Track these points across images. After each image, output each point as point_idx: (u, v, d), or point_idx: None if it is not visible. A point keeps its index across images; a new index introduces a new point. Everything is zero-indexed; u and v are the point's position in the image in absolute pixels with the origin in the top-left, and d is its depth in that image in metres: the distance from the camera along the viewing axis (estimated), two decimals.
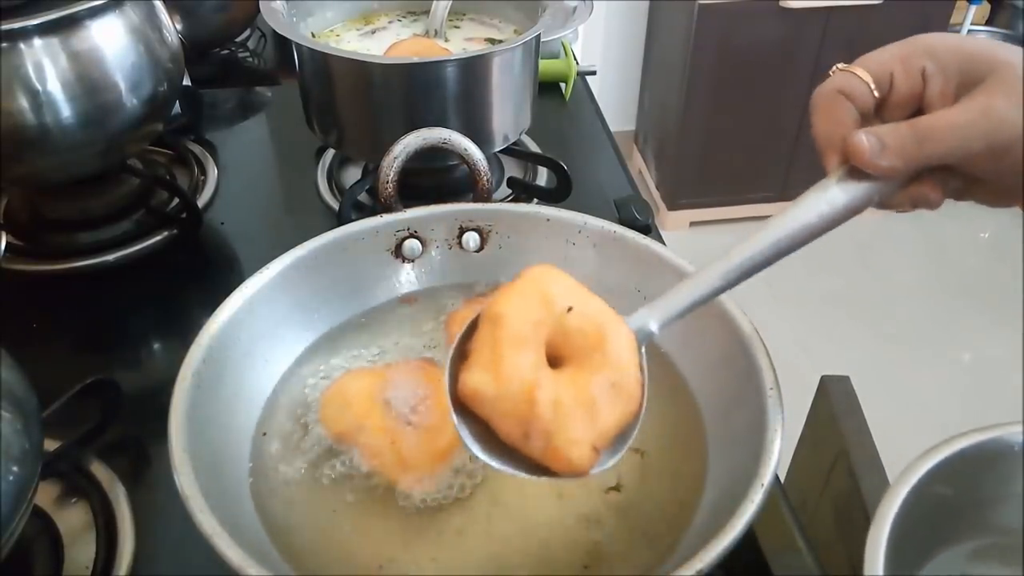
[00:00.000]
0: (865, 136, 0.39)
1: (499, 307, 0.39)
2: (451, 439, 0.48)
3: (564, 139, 1.03)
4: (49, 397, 0.54)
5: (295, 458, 0.51)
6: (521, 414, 0.37)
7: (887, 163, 0.39)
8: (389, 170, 0.63)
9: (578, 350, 0.39)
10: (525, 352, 0.38)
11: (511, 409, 0.37)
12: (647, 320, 0.42)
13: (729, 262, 0.41)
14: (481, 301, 0.60)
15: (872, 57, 0.42)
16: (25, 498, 0.45)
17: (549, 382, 0.38)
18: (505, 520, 0.47)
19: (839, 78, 0.42)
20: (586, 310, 0.40)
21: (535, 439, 0.37)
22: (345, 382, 0.54)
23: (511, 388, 0.37)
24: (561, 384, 0.38)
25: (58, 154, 0.70)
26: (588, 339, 0.39)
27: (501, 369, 0.37)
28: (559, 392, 0.38)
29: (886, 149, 0.39)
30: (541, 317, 0.39)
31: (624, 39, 2.71)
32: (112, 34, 0.70)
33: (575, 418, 0.37)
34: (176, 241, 0.80)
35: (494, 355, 0.38)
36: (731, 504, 0.41)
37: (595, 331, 0.39)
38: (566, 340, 0.39)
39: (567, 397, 0.38)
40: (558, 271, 0.41)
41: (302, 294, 0.57)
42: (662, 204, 2.67)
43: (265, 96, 1.15)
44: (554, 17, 0.82)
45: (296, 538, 0.46)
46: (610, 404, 0.38)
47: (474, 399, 0.38)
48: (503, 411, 0.37)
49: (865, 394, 0.82)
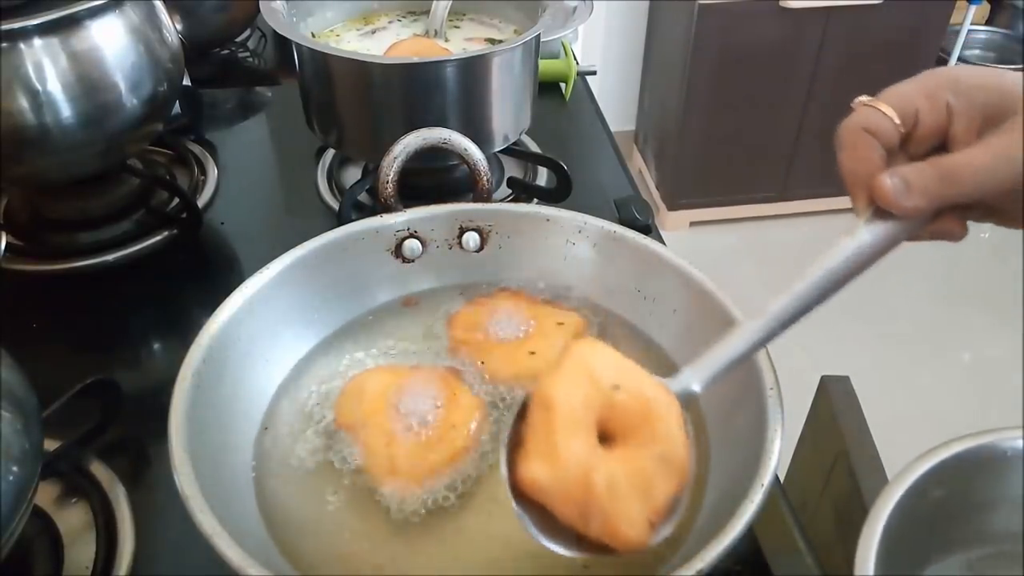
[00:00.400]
0: (890, 178, 0.39)
1: (549, 391, 0.40)
2: (445, 455, 0.48)
3: (564, 139, 1.03)
4: (49, 397, 0.54)
5: (296, 458, 0.51)
6: (578, 499, 0.38)
7: (911, 204, 0.39)
8: (389, 170, 0.63)
9: (627, 426, 0.40)
10: (578, 436, 0.39)
11: (569, 494, 0.38)
12: (690, 381, 0.43)
13: (767, 316, 0.42)
14: (484, 303, 0.60)
15: (897, 91, 0.41)
16: (25, 498, 0.45)
17: (603, 464, 0.39)
18: (505, 520, 0.47)
19: (864, 114, 0.41)
20: (632, 385, 0.41)
21: (594, 520, 0.38)
22: (367, 376, 0.54)
23: (568, 475, 0.38)
24: (614, 464, 0.39)
25: (58, 154, 0.70)
26: (636, 414, 0.40)
27: (558, 457, 0.38)
28: (613, 473, 0.39)
29: (911, 190, 0.39)
30: (590, 397, 0.40)
31: (624, 39, 2.71)
32: (112, 34, 0.70)
33: (630, 497, 0.39)
34: (176, 241, 0.80)
35: (549, 443, 0.39)
36: (731, 504, 0.41)
37: (642, 406, 0.40)
38: (615, 416, 0.40)
39: (621, 477, 0.39)
40: (601, 345, 0.43)
41: (302, 294, 0.57)
42: (662, 204, 2.67)
43: (265, 96, 1.15)
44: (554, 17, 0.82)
45: (296, 538, 0.46)
46: (661, 477, 0.40)
47: (533, 488, 0.39)
48: (562, 498, 0.39)
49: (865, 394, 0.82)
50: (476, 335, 0.57)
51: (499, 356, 0.55)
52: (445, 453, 0.48)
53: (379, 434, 0.49)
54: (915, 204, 0.39)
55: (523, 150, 0.91)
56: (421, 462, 0.48)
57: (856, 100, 0.42)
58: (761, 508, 0.40)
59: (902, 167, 0.40)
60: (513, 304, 0.59)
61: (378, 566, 0.45)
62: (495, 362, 0.55)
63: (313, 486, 0.49)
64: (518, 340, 0.56)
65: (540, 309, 0.59)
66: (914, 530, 0.51)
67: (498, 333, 0.57)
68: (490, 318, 0.58)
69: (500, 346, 0.56)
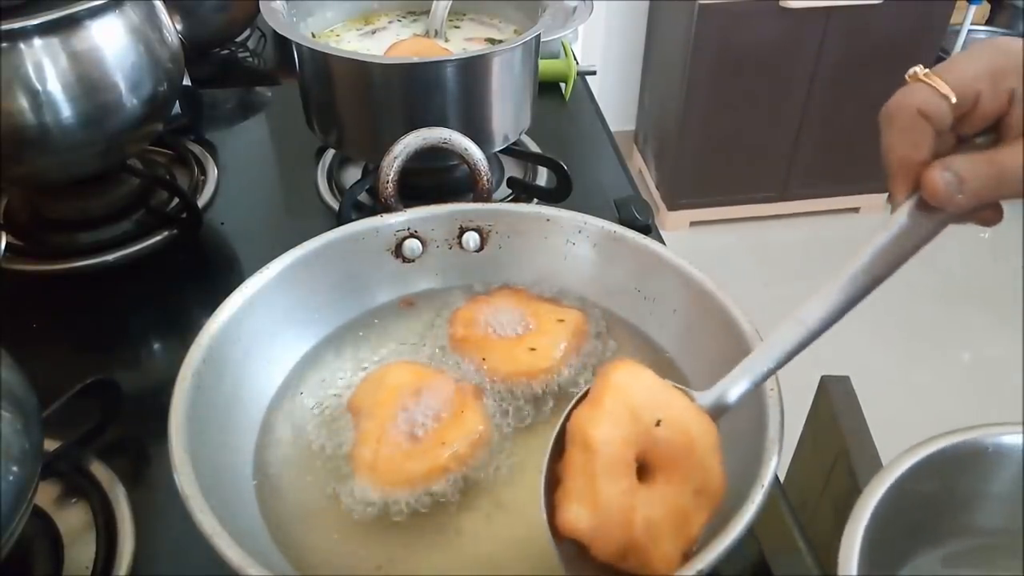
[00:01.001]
0: (942, 173, 0.37)
1: (589, 431, 0.39)
2: (421, 469, 0.48)
3: (564, 139, 1.03)
4: (49, 397, 0.54)
5: (295, 458, 0.51)
6: (618, 539, 0.38)
7: (963, 201, 0.37)
8: (389, 170, 0.62)
9: (667, 459, 0.40)
10: (619, 478, 0.38)
11: (609, 537, 0.38)
12: (726, 394, 0.42)
13: (802, 321, 0.40)
14: (484, 300, 0.60)
15: (958, 67, 0.38)
16: (25, 498, 0.45)
17: (643, 504, 0.38)
18: (505, 520, 0.47)
19: (919, 92, 0.37)
20: (673, 418, 0.40)
21: (631, 558, 0.38)
22: (392, 368, 0.54)
23: (610, 520, 0.38)
24: (654, 502, 0.39)
25: (58, 154, 0.70)
26: (677, 448, 0.39)
27: (599, 503, 0.38)
28: (652, 511, 0.38)
29: (964, 188, 0.37)
30: (631, 435, 0.39)
31: (624, 39, 2.71)
32: (112, 34, 0.70)
33: (668, 535, 0.39)
34: (176, 241, 0.80)
35: (591, 488, 0.38)
36: (731, 504, 0.41)
37: (683, 440, 0.40)
38: (656, 451, 0.40)
39: (660, 515, 0.39)
40: (638, 370, 0.41)
41: (302, 294, 0.57)
42: (662, 204, 2.67)
43: (265, 96, 1.15)
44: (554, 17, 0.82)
45: (296, 537, 0.46)
46: (698, 511, 0.39)
47: (574, 533, 0.38)
48: (602, 539, 0.38)
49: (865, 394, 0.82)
50: (476, 332, 0.57)
51: (500, 353, 0.55)
52: (422, 467, 0.48)
53: (375, 427, 0.49)
54: (967, 201, 0.37)
55: (523, 150, 0.91)
56: (396, 468, 0.48)
57: (911, 71, 0.38)
58: (761, 508, 0.40)
59: (955, 159, 0.37)
60: (513, 301, 0.59)
61: (378, 566, 0.45)
62: (496, 359, 0.55)
63: (313, 486, 0.49)
64: (518, 337, 0.57)
65: (540, 306, 0.59)
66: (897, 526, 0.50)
67: (498, 330, 0.57)
68: (490, 315, 0.58)
69: (501, 343, 0.56)
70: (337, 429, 0.52)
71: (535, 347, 0.55)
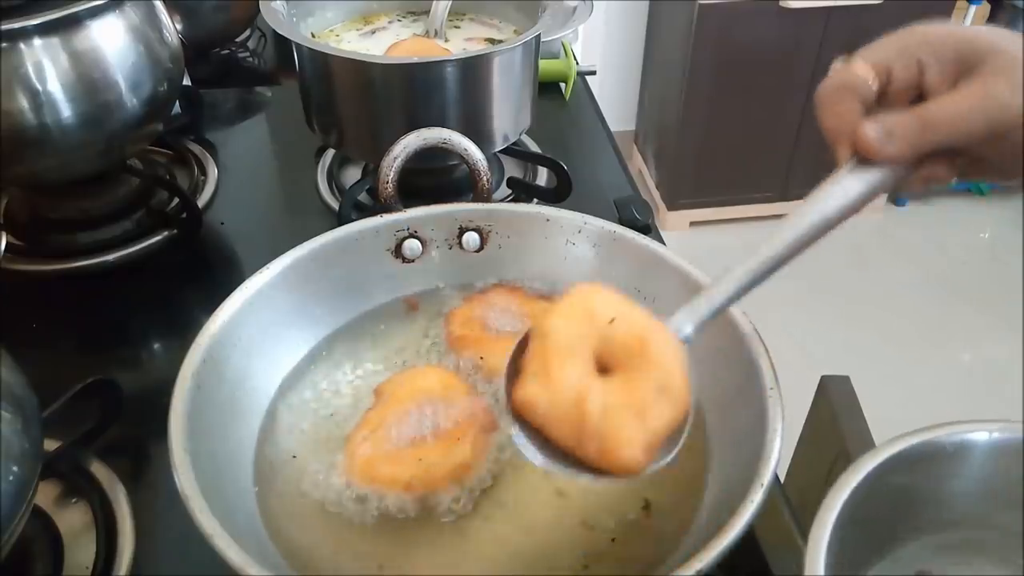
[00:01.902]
0: (871, 127, 0.41)
1: (546, 323, 0.41)
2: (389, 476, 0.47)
3: (564, 139, 1.03)
4: (49, 397, 0.54)
5: (296, 458, 0.51)
6: (573, 419, 0.39)
7: (894, 150, 0.40)
8: (389, 170, 0.63)
9: (624, 358, 0.40)
10: (573, 362, 0.40)
11: (563, 415, 0.39)
12: (682, 324, 0.43)
13: (755, 260, 0.43)
14: (480, 298, 0.60)
15: (871, 51, 0.43)
16: (25, 498, 0.45)
17: (598, 388, 0.39)
18: (505, 520, 0.47)
19: (840, 74, 0.43)
20: (629, 320, 0.41)
21: (588, 443, 0.39)
22: (428, 371, 0.54)
23: (562, 396, 0.39)
24: (610, 390, 0.40)
25: (58, 154, 0.70)
26: (632, 347, 0.40)
27: (551, 378, 0.39)
28: (608, 397, 0.39)
29: (892, 137, 0.40)
30: (586, 330, 0.41)
31: (624, 39, 2.71)
32: (112, 34, 0.70)
33: (625, 420, 0.39)
34: (176, 241, 0.80)
35: (544, 366, 0.40)
36: (731, 504, 0.41)
37: (638, 338, 0.40)
38: (612, 350, 0.41)
39: (616, 401, 0.39)
40: (601, 287, 0.43)
41: (302, 294, 0.57)
42: (662, 204, 2.67)
43: (265, 96, 1.15)
44: (554, 17, 0.82)
45: (296, 537, 0.46)
46: (658, 405, 0.39)
47: (528, 408, 0.40)
48: (556, 418, 0.39)
49: (865, 394, 0.82)
50: (473, 331, 0.57)
51: (497, 351, 0.55)
52: (389, 471, 0.48)
53: (377, 420, 0.50)
54: (897, 150, 0.40)
55: (523, 150, 0.91)
56: (371, 466, 0.48)
57: (832, 64, 0.44)
58: (761, 508, 0.40)
59: (882, 115, 0.41)
60: (509, 299, 0.59)
61: (379, 566, 0.45)
62: (493, 357, 0.55)
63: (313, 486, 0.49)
64: (515, 334, 0.56)
65: (536, 304, 0.59)
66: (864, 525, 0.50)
67: (495, 328, 0.57)
68: (486, 313, 0.58)
69: (498, 341, 0.56)
70: (337, 429, 0.52)
71: None
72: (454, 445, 0.49)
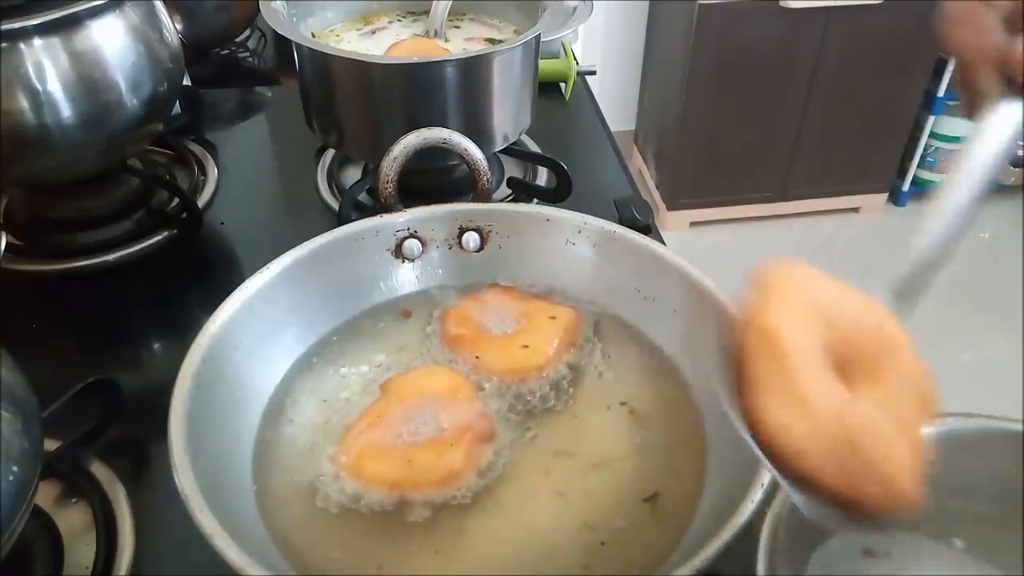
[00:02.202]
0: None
1: (769, 322, 0.32)
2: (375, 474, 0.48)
3: (564, 139, 1.03)
4: (49, 397, 0.54)
5: (296, 457, 0.51)
6: (843, 455, 0.31)
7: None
8: (389, 170, 0.63)
9: (864, 359, 0.33)
10: (822, 376, 0.32)
11: (829, 451, 0.31)
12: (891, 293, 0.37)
13: (943, 210, 0.38)
14: (474, 298, 0.60)
15: None
16: (25, 498, 0.45)
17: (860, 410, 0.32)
18: (505, 520, 0.47)
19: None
20: (856, 306, 0.34)
21: (869, 484, 0.31)
22: (438, 371, 0.54)
23: (825, 426, 0.31)
24: (869, 409, 0.32)
25: (58, 154, 0.70)
26: (871, 342, 0.33)
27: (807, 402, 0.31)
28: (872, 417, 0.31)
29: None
30: (814, 325, 0.33)
31: (624, 39, 2.71)
32: (112, 34, 0.70)
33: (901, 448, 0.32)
34: (176, 241, 0.80)
35: (787, 383, 0.31)
36: (731, 504, 0.41)
37: (875, 331, 0.33)
38: (846, 348, 0.33)
39: (883, 424, 0.31)
40: (798, 265, 0.36)
41: (302, 294, 0.57)
42: (662, 204, 2.67)
43: (265, 96, 1.15)
44: (554, 17, 0.82)
45: (296, 537, 0.46)
46: (918, 414, 0.33)
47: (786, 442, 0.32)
48: (817, 452, 0.31)
49: None
50: (469, 330, 0.57)
51: (493, 351, 0.56)
52: (378, 472, 0.48)
53: (375, 414, 0.50)
54: None
55: (523, 150, 0.91)
56: (359, 461, 0.48)
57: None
58: (760, 507, 0.40)
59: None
60: (505, 299, 0.60)
61: (379, 566, 0.45)
62: (489, 357, 0.55)
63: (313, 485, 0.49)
64: (511, 334, 0.57)
65: (531, 304, 0.59)
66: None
67: (491, 328, 0.57)
68: (482, 313, 0.58)
69: (494, 341, 0.56)
70: (337, 429, 0.52)
71: (528, 344, 0.56)
72: (447, 450, 0.48)
